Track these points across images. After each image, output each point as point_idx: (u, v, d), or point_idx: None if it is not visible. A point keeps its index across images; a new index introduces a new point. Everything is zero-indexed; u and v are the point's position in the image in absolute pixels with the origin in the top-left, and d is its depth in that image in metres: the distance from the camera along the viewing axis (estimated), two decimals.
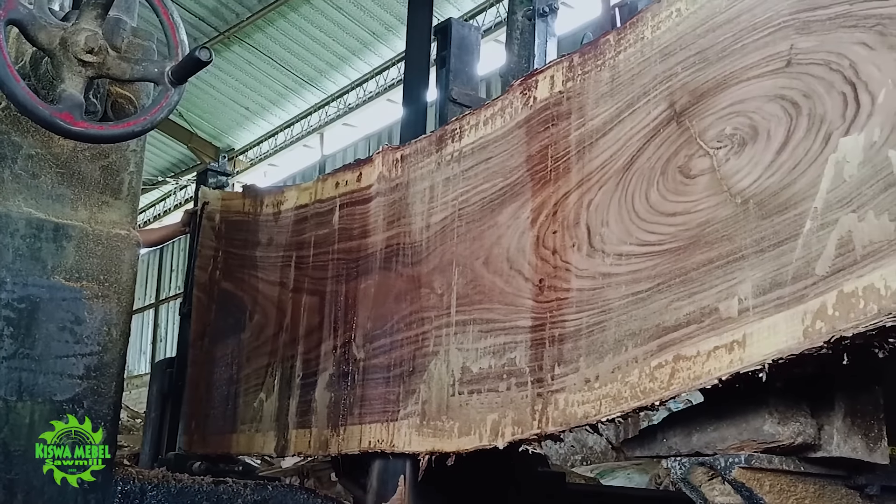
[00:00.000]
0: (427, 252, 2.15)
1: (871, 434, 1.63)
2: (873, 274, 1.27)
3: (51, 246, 1.86)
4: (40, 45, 1.78)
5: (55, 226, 1.87)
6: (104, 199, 1.96)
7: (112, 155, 1.98)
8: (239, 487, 2.01)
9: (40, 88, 1.84)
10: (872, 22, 1.34)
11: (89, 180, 1.95)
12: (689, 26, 1.62)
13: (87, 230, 1.91)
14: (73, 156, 1.94)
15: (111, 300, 1.90)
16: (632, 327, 1.61)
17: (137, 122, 1.82)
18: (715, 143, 1.54)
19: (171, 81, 1.83)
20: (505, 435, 1.82)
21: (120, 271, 1.93)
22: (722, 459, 1.59)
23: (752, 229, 1.45)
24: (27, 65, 1.89)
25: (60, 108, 1.73)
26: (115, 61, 1.83)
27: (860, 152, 1.32)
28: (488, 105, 2.07)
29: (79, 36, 1.77)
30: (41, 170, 1.90)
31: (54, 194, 1.90)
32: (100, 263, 1.91)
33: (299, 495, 2.09)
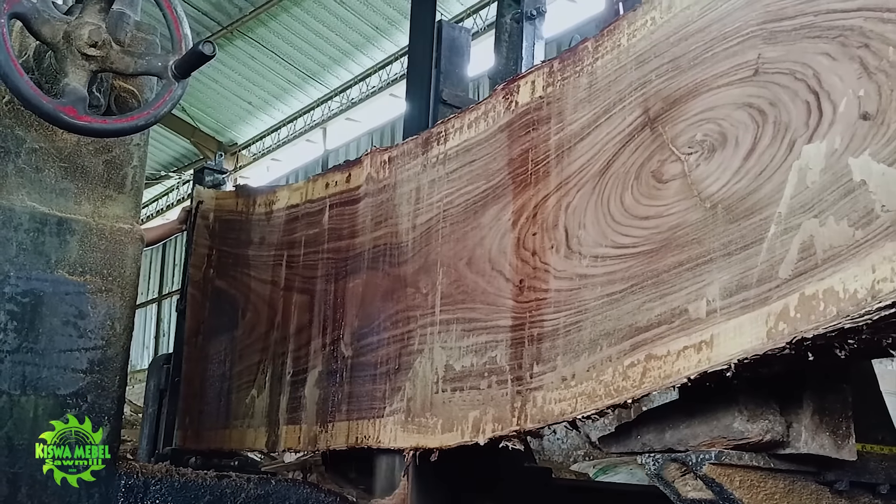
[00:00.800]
0: (413, 252, 2.20)
1: (840, 431, 1.67)
2: (833, 277, 1.32)
3: (54, 240, 1.86)
4: (44, 39, 1.78)
5: (59, 220, 1.88)
6: (107, 194, 1.96)
7: (115, 149, 1.98)
8: (242, 482, 2.02)
9: (44, 82, 1.84)
10: (835, 33, 1.39)
11: (93, 174, 1.95)
12: (662, 35, 1.67)
13: (90, 224, 1.91)
14: (76, 150, 1.94)
15: (114, 294, 1.91)
16: (606, 327, 1.66)
17: (141, 117, 1.83)
18: (686, 149, 1.58)
19: (175, 75, 1.83)
20: (486, 431, 1.86)
21: (123, 266, 1.93)
22: (693, 456, 1.64)
23: (720, 233, 1.50)
24: (31, 59, 1.89)
25: (64, 102, 1.73)
26: (118, 55, 1.83)
27: (822, 159, 1.37)
28: (472, 108, 2.12)
29: (82, 30, 1.77)
30: (45, 164, 1.90)
31: (58, 188, 1.90)
32: (103, 258, 1.91)
33: (302, 489, 2.10)
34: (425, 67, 2.98)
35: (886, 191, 1.28)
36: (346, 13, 12.82)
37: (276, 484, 2.08)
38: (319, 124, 15.41)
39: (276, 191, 2.81)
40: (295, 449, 2.50)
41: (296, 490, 2.08)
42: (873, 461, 1.81)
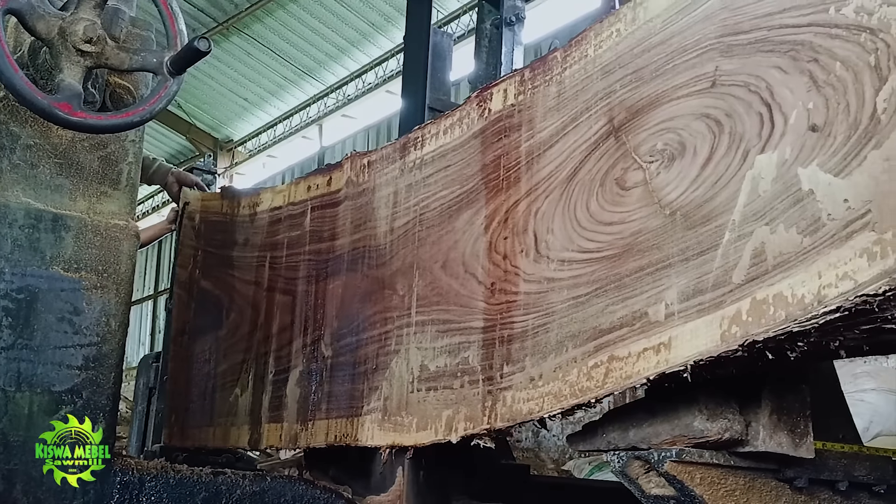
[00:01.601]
0: (390, 255, 2.25)
1: (798, 430, 1.73)
2: (782, 283, 1.37)
3: (49, 236, 1.85)
4: (39, 35, 1.77)
5: (54, 216, 1.87)
6: (103, 190, 1.95)
7: (111, 145, 1.98)
8: (237, 478, 2.03)
9: (39, 78, 1.83)
10: (787, 47, 1.44)
11: (88, 171, 1.94)
12: (627, 46, 1.72)
13: (85, 221, 1.90)
14: (71, 146, 1.93)
15: (110, 291, 1.90)
16: (572, 329, 1.72)
17: (136, 113, 1.82)
18: (648, 158, 1.64)
19: (170, 71, 1.82)
20: (458, 430, 1.92)
21: (119, 262, 1.93)
22: (655, 453, 1.70)
23: (678, 239, 1.55)
24: (25, 55, 1.88)
25: (59, 97, 1.72)
26: (113, 51, 1.83)
27: (773, 169, 1.42)
28: (448, 115, 2.17)
29: (77, 26, 1.76)
30: (40, 160, 1.89)
31: (53, 184, 1.89)
32: (98, 254, 1.90)
33: (298, 486, 2.10)
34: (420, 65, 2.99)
35: (832, 200, 1.33)
36: (342, 10, 12.83)
37: (271, 481, 2.08)
38: (315, 121, 15.42)
39: (259, 193, 2.86)
40: (276, 447, 2.55)
41: (291, 487, 2.09)
42: (832, 459, 1.87)
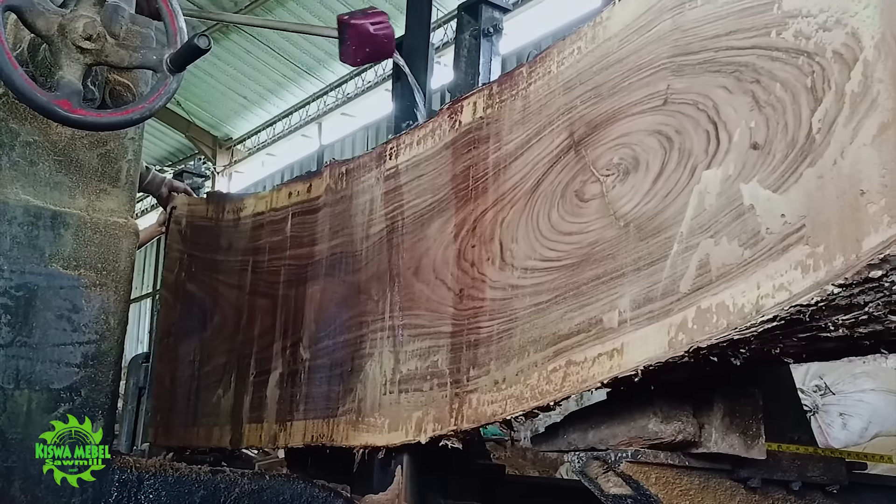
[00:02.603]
0: (366, 261, 2.32)
1: (750, 432, 1.81)
2: (724, 293, 1.45)
3: (48, 234, 1.85)
4: (38, 32, 1.77)
5: (53, 213, 1.87)
6: (102, 187, 1.94)
7: (110, 143, 1.98)
8: (236, 477, 2.03)
9: (38, 75, 1.83)
10: (732, 68, 1.52)
11: (87, 168, 1.94)
12: (587, 63, 1.79)
13: (84, 218, 1.90)
14: (71, 143, 1.93)
15: (109, 289, 1.90)
16: (533, 335, 1.79)
17: (136, 110, 1.82)
18: (605, 171, 1.71)
19: (170, 69, 1.82)
20: (427, 431, 1.99)
21: (118, 260, 1.93)
22: (612, 454, 1.77)
23: (631, 249, 1.63)
24: (25, 52, 1.88)
25: (58, 95, 1.71)
26: (113, 48, 1.83)
27: (718, 184, 1.50)
28: (421, 126, 2.24)
29: (77, 23, 1.76)
30: (39, 157, 1.89)
31: (52, 182, 1.88)
32: (98, 252, 1.90)
33: (296, 485, 2.10)
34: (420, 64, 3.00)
35: (770, 215, 1.41)
36: (342, 8, 12.78)
37: (270, 479, 2.09)
38: (315, 119, 15.45)
39: (243, 199, 2.93)
40: (257, 446, 2.62)
41: (290, 485, 2.09)
42: (786, 459, 1.94)
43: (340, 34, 2.36)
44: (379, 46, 2.32)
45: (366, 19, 2.35)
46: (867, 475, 2.15)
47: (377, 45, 2.33)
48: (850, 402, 3.83)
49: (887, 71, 1.30)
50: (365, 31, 2.30)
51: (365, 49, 2.32)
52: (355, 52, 2.32)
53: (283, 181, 12.88)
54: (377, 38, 2.32)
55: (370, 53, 2.35)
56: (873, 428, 3.81)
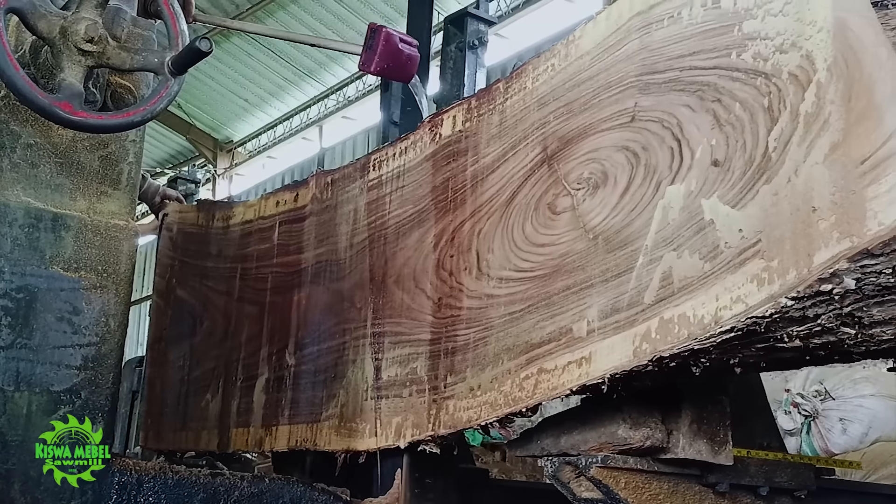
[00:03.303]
0: (349, 269, 2.38)
1: (717, 438, 1.86)
2: (685, 304, 1.51)
3: (49, 236, 1.85)
4: (40, 34, 1.77)
5: (54, 216, 1.87)
6: (103, 190, 1.95)
7: (111, 145, 1.98)
8: (236, 480, 2.03)
9: (40, 77, 1.83)
10: (695, 88, 1.58)
11: (88, 170, 1.94)
12: (560, 80, 1.85)
13: (85, 220, 1.90)
14: (72, 145, 1.93)
15: (109, 291, 1.90)
16: (507, 343, 1.84)
17: (137, 113, 1.82)
18: (576, 185, 1.77)
19: (171, 71, 1.82)
20: (406, 436, 2.05)
21: (118, 262, 1.93)
22: (583, 459, 1.82)
23: (599, 261, 1.68)
24: (27, 54, 1.89)
25: (60, 97, 1.72)
26: (115, 51, 1.83)
27: (681, 199, 1.55)
28: (404, 138, 2.30)
29: (79, 25, 1.76)
30: (40, 159, 1.89)
31: (53, 184, 1.88)
32: (98, 254, 1.90)
33: (296, 488, 2.11)
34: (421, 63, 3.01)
35: (729, 230, 1.46)
36: (343, 11, 12.89)
37: (269, 482, 2.10)
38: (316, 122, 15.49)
39: (232, 206, 2.99)
40: (243, 450, 2.67)
41: (289, 488, 2.10)
42: (754, 465, 2.00)
43: (367, 39, 2.38)
44: (400, 66, 2.34)
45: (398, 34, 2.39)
46: (835, 480, 2.20)
47: (399, 64, 2.36)
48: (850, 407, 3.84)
49: (839, 93, 1.36)
50: (393, 45, 2.32)
51: (386, 62, 2.34)
52: (376, 62, 2.34)
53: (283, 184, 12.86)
54: (401, 56, 2.34)
55: (389, 69, 2.37)
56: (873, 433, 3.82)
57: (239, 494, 2.01)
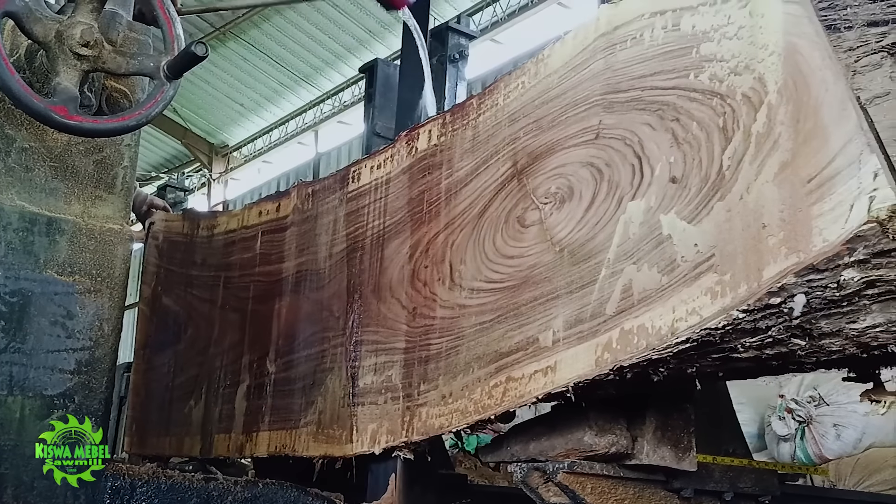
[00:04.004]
0: (329, 279, 2.43)
1: (681, 445, 1.92)
2: (644, 316, 1.56)
3: (43, 240, 1.85)
4: (36, 38, 1.77)
5: (48, 220, 1.87)
6: (98, 194, 1.95)
7: (106, 149, 1.98)
8: (229, 484, 2.04)
9: (35, 81, 1.83)
10: (656, 107, 1.64)
11: (83, 174, 1.93)
12: (530, 97, 1.91)
13: (80, 224, 1.90)
14: (66, 150, 1.93)
15: (103, 295, 1.90)
16: (478, 352, 1.90)
17: (132, 117, 1.82)
18: (543, 199, 1.83)
19: (167, 76, 1.82)
20: (381, 442, 2.10)
21: (113, 266, 1.93)
22: (551, 465, 1.87)
23: (565, 273, 1.74)
24: (22, 58, 1.89)
25: (55, 101, 1.72)
26: (110, 55, 1.83)
27: (641, 215, 1.61)
28: (381, 151, 2.35)
29: (74, 29, 1.76)
30: (35, 163, 1.88)
31: (48, 188, 1.88)
32: (92, 258, 1.90)
33: (290, 492, 2.11)
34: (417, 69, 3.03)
35: (685, 244, 1.52)
36: (339, 16, 12.91)
37: (263, 487, 2.10)
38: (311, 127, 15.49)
39: (217, 216, 3.03)
40: (225, 456, 2.71)
41: (283, 493, 2.11)
42: (719, 471, 2.06)
43: None
44: None
45: None
46: (799, 486, 2.26)
47: None
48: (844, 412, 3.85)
49: (788, 114, 1.42)
50: None
51: None
52: None
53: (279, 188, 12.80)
54: None
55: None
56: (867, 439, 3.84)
57: (232, 499, 2.02)
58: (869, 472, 3.57)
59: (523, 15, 11.59)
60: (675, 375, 1.63)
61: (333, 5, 12.65)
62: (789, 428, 3.92)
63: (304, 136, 15.79)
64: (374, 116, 3.18)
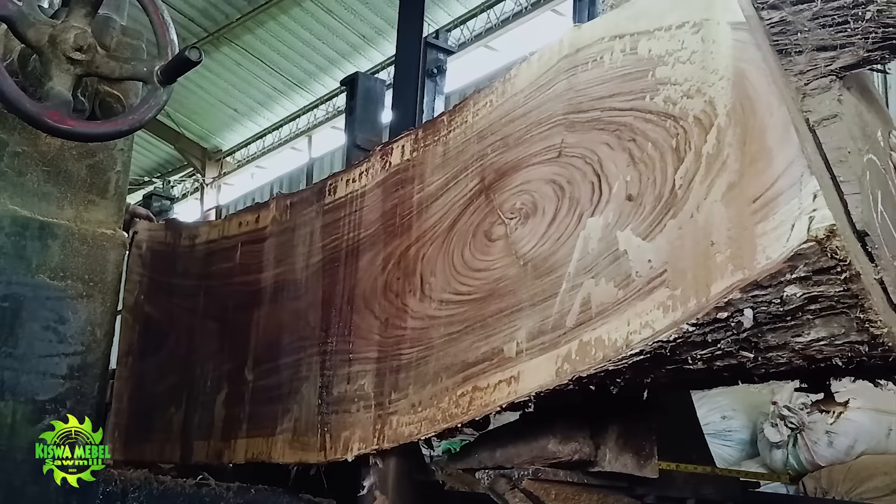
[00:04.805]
0: (305, 289, 2.48)
1: (643, 453, 1.98)
2: (601, 328, 1.63)
3: (36, 244, 1.84)
4: (29, 42, 1.76)
5: (41, 224, 1.86)
6: (90, 198, 1.94)
7: (99, 154, 1.97)
8: (221, 490, 2.02)
9: (28, 86, 1.82)
10: (614, 127, 1.70)
11: (76, 179, 1.93)
12: (497, 116, 1.97)
13: (72, 229, 1.89)
14: (59, 154, 1.92)
15: (96, 300, 1.89)
16: (446, 362, 1.96)
17: (125, 122, 1.82)
18: (509, 214, 1.89)
19: (160, 81, 1.82)
20: (353, 450, 2.15)
21: (105, 271, 1.92)
22: (516, 472, 1.93)
23: (529, 286, 1.80)
24: (15, 62, 1.88)
25: (48, 105, 1.71)
26: (103, 59, 1.82)
27: (599, 231, 1.68)
28: (357, 165, 2.41)
29: (68, 33, 1.76)
30: (27, 167, 1.87)
31: (40, 192, 1.87)
32: (85, 263, 1.89)
33: (282, 498, 2.12)
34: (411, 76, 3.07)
35: (640, 260, 1.59)
36: (333, 22, 12.94)
37: (255, 493, 2.09)
38: (305, 132, 15.49)
39: (199, 226, 3.09)
40: (204, 462, 2.76)
41: (276, 499, 2.11)
42: (681, 478, 2.12)
43: None
44: None
45: None
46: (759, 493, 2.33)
47: None
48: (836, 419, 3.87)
49: (736, 136, 1.49)
50: None
51: None
52: None
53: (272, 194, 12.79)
54: None
55: None
56: (860, 446, 3.86)
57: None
58: (861, 480, 3.59)
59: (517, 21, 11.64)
60: (632, 386, 1.69)
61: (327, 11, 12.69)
62: (782, 435, 3.93)
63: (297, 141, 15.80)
64: (354, 129, 3.24)
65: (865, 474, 3.62)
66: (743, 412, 4.30)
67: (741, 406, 4.28)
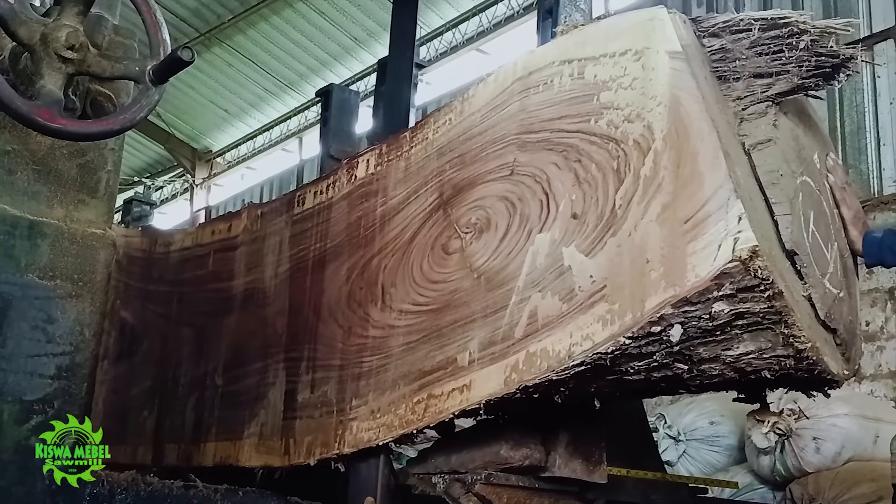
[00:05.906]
0: (273, 297, 2.55)
1: (592, 458, 2.06)
2: (546, 340, 1.71)
3: (25, 243, 1.83)
4: (20, 41, 1.75)
5: (30, 223, 1.85)
6: (80, 198, 1.93)
7: (90, 153, 1.95)
8: (209, 492, 2.02)
9: (19, 84, 1.80)
10: (562, 148, 1.79)
11: (66, 178, 1.92)
12: (455, 133, 2.05)
13: (62, 228, 1.88)
14: (50, 153, 1.91)
15: (85, 300, 1.88)
16: (404, 370, 2.03)
17: (116, 121, 1.81)
18: (465, 229, 1.97)
19: (152, 80, 1.81)
20: (315, 454, 2.22)
21: (94, 271, 1.91)
22: (470, 476, 2.01)
23: (481, 298, 1.88)
24: (6, 60, 1.87)
25: (39, 104, 1.70)
26: (95, 58, 1.82)
27: (547, 246, 1.76)
28: (324, 177, 2.49)
29: (60, 32, 1.75)
30: (17, 166, 1.86)
31: (30, 191, 1.86)
32: (74, 262, 1.88)
33: (270, 501, 2.12)
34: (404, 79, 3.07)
35: (583, 275, 1.67)
36: (325, 24, 12.94)
37: (243, 495, 2.09)
38: (296, 134, 15.49)
39: (174, 234, 3.15)
40: (174, 465, 2.82)
41: (264, 501, 2.10)
42: (631, 483, 2.20)
43: None
44: None
45: None
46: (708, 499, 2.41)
47: None
48: (823, 426, 3.84)
49: (671, 160, 1.58)
50: None
51: None
52: None
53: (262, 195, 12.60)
54: None
55: None
56: (846, 452, 3.85)
57: None
58: (847, 486, 3.61)
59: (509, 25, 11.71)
60: (576, 395, 1.77)
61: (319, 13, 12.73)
62: (769, 441, 3.94)
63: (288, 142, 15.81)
64: (329, 139, 3.31)
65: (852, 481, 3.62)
66: (731, 418, 4.28)
67: (729, 412, 4.26)
